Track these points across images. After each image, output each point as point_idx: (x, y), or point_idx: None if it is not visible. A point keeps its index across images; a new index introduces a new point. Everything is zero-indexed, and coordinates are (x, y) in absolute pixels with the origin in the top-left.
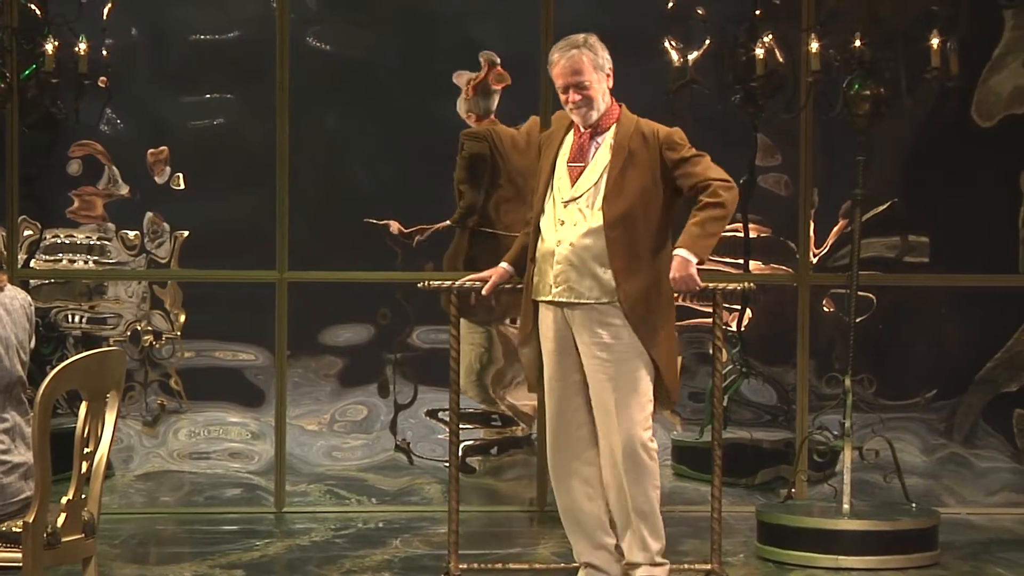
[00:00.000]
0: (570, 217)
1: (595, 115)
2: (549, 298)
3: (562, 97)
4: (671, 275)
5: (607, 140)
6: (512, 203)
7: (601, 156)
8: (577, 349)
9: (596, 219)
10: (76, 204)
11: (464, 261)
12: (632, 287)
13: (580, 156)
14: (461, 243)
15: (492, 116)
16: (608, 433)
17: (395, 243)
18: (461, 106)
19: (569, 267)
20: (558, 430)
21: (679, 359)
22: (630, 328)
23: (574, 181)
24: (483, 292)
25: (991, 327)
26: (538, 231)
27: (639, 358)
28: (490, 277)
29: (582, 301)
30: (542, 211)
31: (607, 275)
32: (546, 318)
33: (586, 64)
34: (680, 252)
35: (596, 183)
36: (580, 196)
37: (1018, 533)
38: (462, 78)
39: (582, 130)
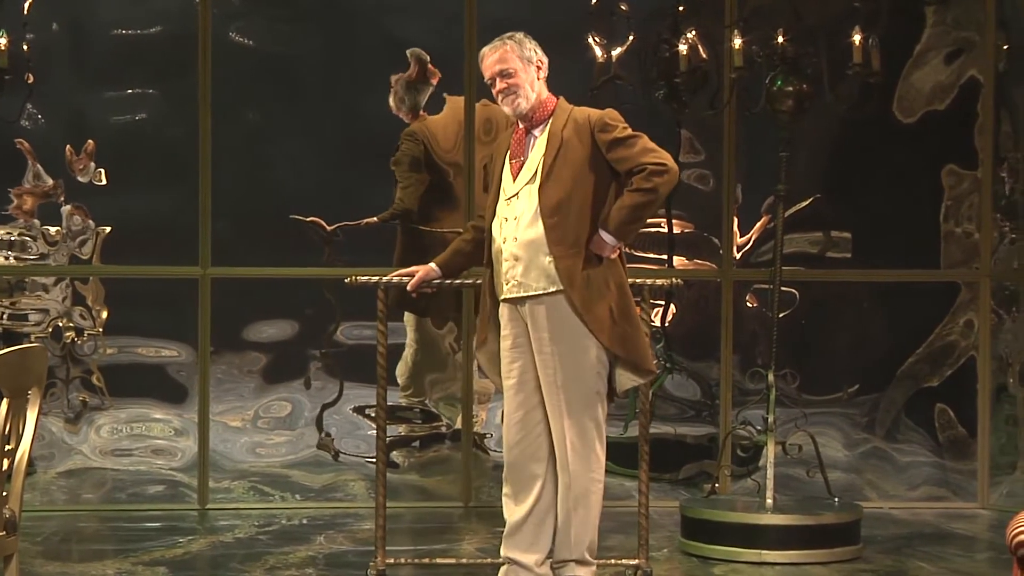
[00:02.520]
0: (511, 213)
1: (524, 104)
2: (504, 296)
3: (493, 91)
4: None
5: (544, 132)
6: (444, 195)
7: (538, 148)
8: (531, 345)
9: (535, 210)
10: (14, 202)
11: (397, 257)
12: (575, 274)
13: (519, 151)
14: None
15: (422, 113)
16: (556, 428)
17: (321, 239)
18: (392, 103)
19: (516, 262)
20: (520, 431)
21: (645, 330)
22: (577, 316)
23: (515, 176)
24: (408, 288)
25: (913, 322)
26: (490, 233)
27: (587, 352)
28: (416, 273)
29: (531, 294)
30: (494, 214)
31: (551, 264)
32: (504, 316)
33: (510, 54)
34: (603, 233)
35: (533, 175)
36: (520, 190)
37: (939, 527)
38: (395, 79)
39: (520, 126)
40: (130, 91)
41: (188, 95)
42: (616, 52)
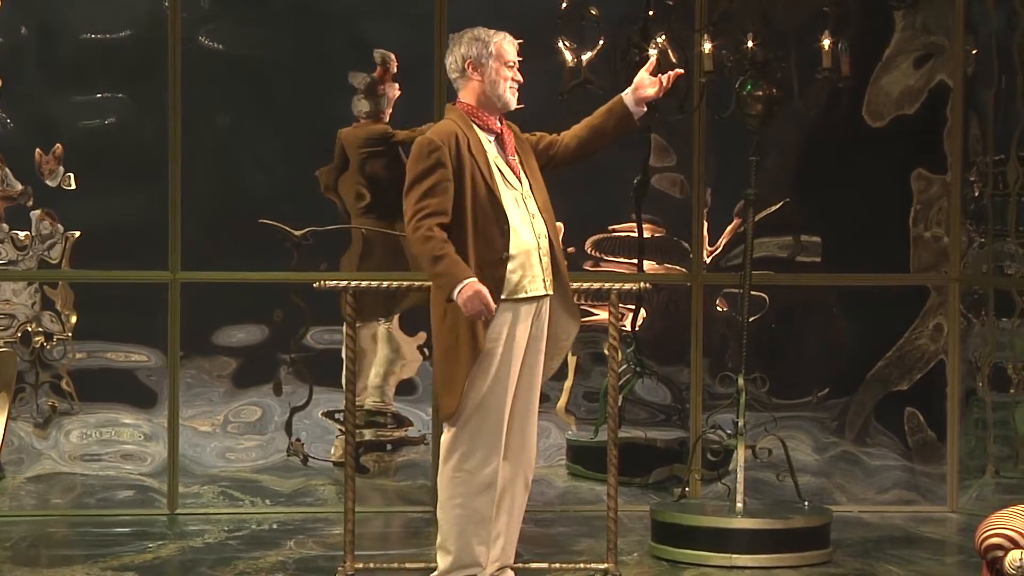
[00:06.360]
0: (535, 209)
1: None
2: (543, 292)
3: (510, 71)
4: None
5: (507, 132)
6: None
7: (514, 147)
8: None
9: (541, 209)
10: None
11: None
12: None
13: (511, 149)
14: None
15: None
16: (528, 425)
17: (290, 243)
18: (356, 106)
19: (549, 259)
20: (503, 434)
21: None
22: (565, 309)
23: (519, 173)
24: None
25: (882, 326)
26: (509, 228)
27: None
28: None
29: (551, 291)
30: (503, 209)
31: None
32: (518, 315)
33: None
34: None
35: (529, 174)
36: (531, 188)
37: (908, 530)
38: (358, 78)
39: (498, 125)
40: (100, 95)
41: (158, 99)
42: (586, 56)
